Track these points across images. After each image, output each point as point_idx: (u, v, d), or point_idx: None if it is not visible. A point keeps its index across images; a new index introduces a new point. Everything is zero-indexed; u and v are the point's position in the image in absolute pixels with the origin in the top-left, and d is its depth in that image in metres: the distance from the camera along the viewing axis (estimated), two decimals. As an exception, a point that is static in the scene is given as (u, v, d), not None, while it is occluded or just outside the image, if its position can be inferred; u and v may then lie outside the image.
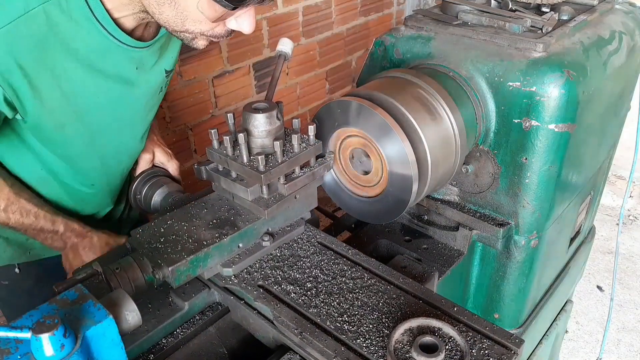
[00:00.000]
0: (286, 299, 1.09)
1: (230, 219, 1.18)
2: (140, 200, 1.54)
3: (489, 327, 0.98)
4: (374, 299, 1.07)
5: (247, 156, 1.12)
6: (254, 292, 1.11)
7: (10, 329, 0.70)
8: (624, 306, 3.22)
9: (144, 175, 1.55)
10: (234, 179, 1.18)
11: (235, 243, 1.16)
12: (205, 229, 1.15)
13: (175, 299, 1.14)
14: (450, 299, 1.03)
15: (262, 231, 1.21)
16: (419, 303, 1.06)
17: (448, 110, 1.26)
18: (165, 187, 1.51)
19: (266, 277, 1.15)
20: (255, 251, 1.19)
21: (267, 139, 1.15)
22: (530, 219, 1.44)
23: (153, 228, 1.15)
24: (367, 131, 1.20)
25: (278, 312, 1.05)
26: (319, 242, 1.25)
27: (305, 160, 1.19)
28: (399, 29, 1.54)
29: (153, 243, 1.10)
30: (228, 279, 1.15)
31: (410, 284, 1.11)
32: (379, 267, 1.16)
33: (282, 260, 1.20)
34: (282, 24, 3.30)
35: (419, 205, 1.59)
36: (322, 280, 1.13)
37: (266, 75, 3.37)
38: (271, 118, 1.14)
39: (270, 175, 1.11)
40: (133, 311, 0.89)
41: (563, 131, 1.29)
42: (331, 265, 1.17)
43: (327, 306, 1.06)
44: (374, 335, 0.98)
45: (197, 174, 1.24)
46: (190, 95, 2.97)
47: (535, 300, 1.77)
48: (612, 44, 1.47)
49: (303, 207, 1.28)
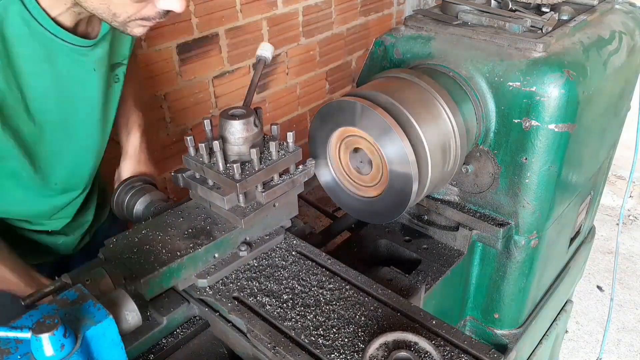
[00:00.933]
0: (261, 312, 1.06)
1: (206, 228, 1.16)
2: (122, 209, 1.49)
3: (468, 341, 0.96)
4: (351, 311, 1.05)
5: (223, 164, 1.10)
6: (228, 304, 1.08)
7: (10, 329, 0.70)
8: (624, 306, 3.22)
9: (126, 183, 1.51)
10: (211, 187, 1.16)
11: (211, 253, 1.13)
12: (180, 239, 1.12)
13: (153, 314, 1.10)
14: (450, 299, 1.03)
15: (239, 241, 1.18)
16: (397, 316, 1.03)
17: (448, 110, 1.26)
18: (147, 195, 1.45)
19: (242, 288, 1.12)
20: (232, 261, 1.16)
21: (244, 146, 1.13)
22: (530, 219, 1.44)
23: (127, 238, 1.13)
24: (367, 131, 1.20)
25: (252, 325, 1.02)
26: (298, 251, 1.22)
27: (284, 168, 1.17)
28: (399, 29, 1.54)
29: (126, 253, 1.08)
30: (203, 290, 1.12)
31: (389, 295, 1.08)
32: (358, 277, 1.13)
33: (260, 270, 1.17)
34: (282, 24, 3.30)
35: (419, 205, 1.59)
36: (299, 292, 1.10)
37: (266, 75, 3.37)
38: (248, 125, 1.12)
39: (247, 184, 1.09)
40: (133, 311, 0.89)
41: (563, 131, 1.29)
42: (309, 276, 1.14)
43: (303, 319, 1.03)
44: (349, 350, 0.96)
45: (174, 181, 1.22)
46: (190, 95, 2.97)
47: (535, 300, 1.77)
48: (612, 44, 1.47)
49: (283, 215, 1.25)
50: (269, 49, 1.32)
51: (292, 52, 3.46)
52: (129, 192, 1.48)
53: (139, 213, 1.45)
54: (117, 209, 1.50)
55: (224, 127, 1.12)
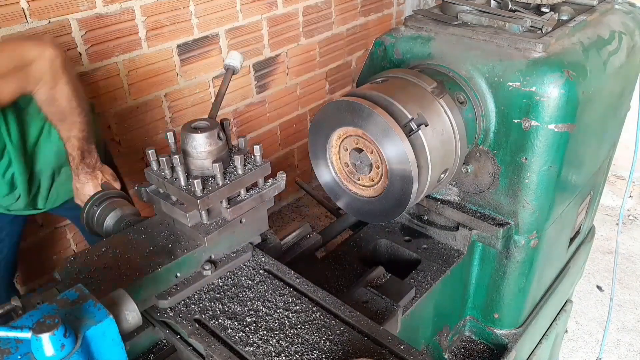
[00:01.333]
0: (222, 335, 1.01)
1: (168, 246, 1.10)
2: (93, 223, 1.43)
3: None
4: (316, 335, 1.00)
5: (185, 179, 1.06)
6: (188, 327, 1.03)
7: (11, 329, 0.70)
8: (623, 306, 3.22)
9: (98, 197, 1.45)
10: (174, 202, 1.11)
11: (172, 273, 1.08)
12: (141, 258, 1.07)
13: None
14: (450, 299, 1.01)
15: (203, 259, 1.13)
16: (364, 340, 0.99)
17: (448, 110, 1.26)
18: (118, 210, 1.39)
19: (204, 310, 1.07)
20: (195, 281, 1.10)
21: (207, 160, 1.08)
22: (530, 219, 1.44)
23: (85, 256, 1.09)
24: (367, 131, 1.20)
25: (211, 350, 0.97)
26: (265, 269, 1.17)
27: (251, 183, 1.13)
28: (399, 29, 1.54)
29: (82, 274, 1.04)
30: (163, 311, 1.07)
31: (357, 318, 1.03)
32: (326, 298, 1.08)
33: (224, 290, 1.12)
34: (282, 24, 3.30)
35: (419, 205, 1.59)
36: (264, 314, 1.05)
37: (266, 75, 3.37)
38: (211, 138, 1.07)
39: (209, 200, 1.04)
40: (133, 311, 0.89)
41: (563, 131, 1.30)
42: (275, 297, 1.09)
43: (265, 344, 0.99)
44: None
45: (138, 195, 1.18)
46: (190, 95, 2.97)
47: (535, 300, 1.77)
48: (611, 44, 1.47)
49: (251, 232, 1.20)
50: (237, 58, 1.28)
51: (292, 52, 3.46)
52: (99, 206, 1.42)
53: (109, 228, 1.39)
54: (87, 223, 1.44)
55: (186, 140, 1.07)
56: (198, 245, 1.11)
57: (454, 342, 1.74)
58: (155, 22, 2.64)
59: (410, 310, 1.34)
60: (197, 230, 1.10)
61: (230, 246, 1.17)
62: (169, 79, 2.83)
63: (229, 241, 1.16)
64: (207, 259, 1.14)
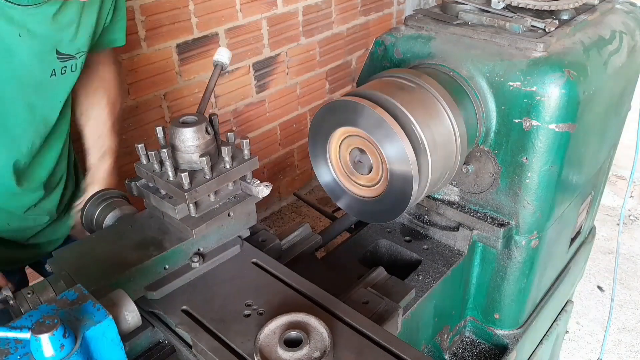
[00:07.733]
0: (209, 325, 1.03)
1: (157, 239, 1.13)
2: (92, 223, 1.43)
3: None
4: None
5: (173, 173, 1.08)
6: (176, 318, 1.05)
7: (10, 329, 0.70)
8: (624, 306, 3.21)
9: (97, 197, 1.45)
10: (163, 196, 1.14)
11: (161, 265, 1.10)
12: (130, 250, 1.09)
13: None
14: (451, 300, 1.01)
15: (192, 252, 1.15)
16: (349, 331, 0.99)
17: (448, 110, 1.26)
18: (117, 210, 1.38)
19: (192, 300, 1.09)
20: (184, 273, 1.13)
21: (194, 154, 1.10)
22: (530, 219, 1.44)
23: (75, 249, 1.11)
24: (367, 131, 1.20)
25: (198, 339, 0.99)
26: (254, 262, 1.19)
27: (238, 177, 1.15)
28: (399, 29, 1.54)
29: (73, 265, 1.06)
30: (152, 302, 1.09)
31: (345, 310, 1.03)
32: (314, 290, 1.09)
33: (212, 283, 1.14)
34: (282, 23, 3.30)
35: (419, 205, 1.59)
36: (252, 304, 1.07)
37: (266, 75, 3.37)
38: (199, 132, 1.10)
39: (196, 193, 1.07)
40: (133, 311, 0.89)
41: (563, 131, 1.29)
42: (263, 289, 1.11)
43: (252, 333, 0.98)
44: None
45: (128, 189, 1.19)
46: (190, 94, 2.97)
47: (535, 301, 1.77)
48: (612, 43, 1.47)
49: (239, 225, 1.22)
50: (225, 54, 1.29)
51: (292, 52, 3.46)
52: (99, 206, 1.42)
53: None
54: (86, 222, 1.44)
55: (174, 134, 1.10)
56: (186, 237, 1.13)
57: (455, 343, 1.74)
58: (154, 21, 2.64)
59: (410, 310, 1.34)
60: (185, 223, 1.12)
61: (219, 239, 1.19)
62: (168, 78, 2.82)
63: (218, 234, 1.18)
64: (195, 252, 1.16)
